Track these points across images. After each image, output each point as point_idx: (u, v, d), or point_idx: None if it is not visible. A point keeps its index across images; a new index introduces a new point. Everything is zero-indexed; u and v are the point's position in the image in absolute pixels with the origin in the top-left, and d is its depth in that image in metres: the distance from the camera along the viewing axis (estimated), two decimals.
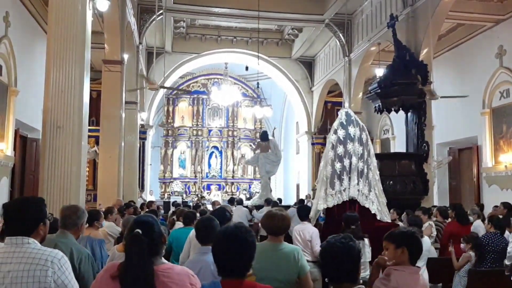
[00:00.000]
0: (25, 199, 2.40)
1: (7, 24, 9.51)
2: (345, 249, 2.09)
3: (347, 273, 2.08)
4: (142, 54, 15.02)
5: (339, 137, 5.43)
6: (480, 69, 12.10)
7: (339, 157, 5.34)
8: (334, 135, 5.49)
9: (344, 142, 5.40)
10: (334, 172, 5.32)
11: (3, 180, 9.86)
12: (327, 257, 2.11)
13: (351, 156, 5.34)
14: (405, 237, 2.61)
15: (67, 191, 5.76)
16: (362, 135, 5.50)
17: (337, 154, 5.35)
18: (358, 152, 5.38)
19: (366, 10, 13.96)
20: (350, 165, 5.32)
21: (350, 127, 5.46)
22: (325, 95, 18.38)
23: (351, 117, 5.57)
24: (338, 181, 5.28)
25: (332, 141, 5.48)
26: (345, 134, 5.43)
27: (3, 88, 9.51)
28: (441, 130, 12.80)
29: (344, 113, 5.66)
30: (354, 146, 5.38)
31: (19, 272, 2.09)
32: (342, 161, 5.31)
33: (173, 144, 22.06)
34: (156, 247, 2.00)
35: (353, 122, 5.51)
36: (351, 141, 5.41)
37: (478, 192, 12.35)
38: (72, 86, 6.01)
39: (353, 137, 5.42)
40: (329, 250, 2.10)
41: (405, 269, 2.56)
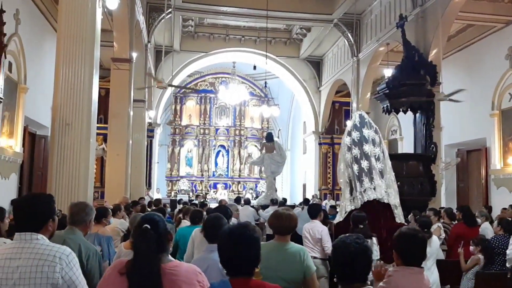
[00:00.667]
0: (34, 195, 2.42)
1: (17, 22, 9.58)
2: (361, 250, 2.09)
3: (360, 274, 2.08)
4: (150, 53, 15.08)
5: (353, 139, 5.53)
6: (489, 70, 12.01)
7: (356, 159, 5.43)
8: (349, 137, 5.60)
9: (359, 144, 5.49)
10: (353, 173, 5.41)
11: (12, 176, 9.94)
12: (342, 257, 2.10)
13: (369, 157, 5.41)
14: (395, 240, 2.63)
15: (75, 188, 5.79)
16: (375, 137, 5.59)
17: (353, 156, 5.46)
18: (376, 153, 5.47)
19: (375, 10, 13.90)
20: (370, 166, 5.38)
21: (364, 129, 5.55)
22: (333, 95, 18.33)
23: (365, 119, 5.65)
24: (359, 182, 5.36)
25: (347, 143, 5.59)
26: (360, 136, 5.52)
27: (12, 85, 9.58)
28: (450, 132, 12.73)
29: (358, 115, 5.77)
30: (370, 148, 5.46)
31: (27, 268, 2.11)
32: (359, 163, 5.40)
33: (180, 143, 22.12)
34: (162, 244, 2.01)
35: (366, 124, 5.60)
36: (366, 143, 5.48)
37: (486, 194, 12.26)
38: (81, 83, 6.04)
39: (368, 138, 5.50)
40: (344, 250, 2.09)
41: (406, 269, 2.56)
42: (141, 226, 1.98)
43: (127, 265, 1.95)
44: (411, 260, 2.57)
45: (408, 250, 2.57)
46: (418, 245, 2.59)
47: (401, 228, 2.73)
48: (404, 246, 2.58)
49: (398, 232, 2.66)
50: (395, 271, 2.57)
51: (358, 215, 4.73)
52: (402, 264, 2.57)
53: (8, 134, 9.54)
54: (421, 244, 2.61)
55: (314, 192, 18.20)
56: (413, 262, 2.57)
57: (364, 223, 4.60)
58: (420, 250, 2.60)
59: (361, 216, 4.69)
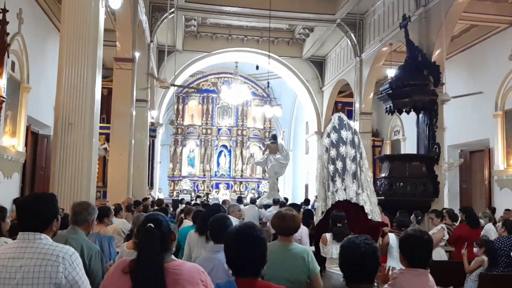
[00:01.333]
0: (38, 195, 2.41)
1: (20, 21, 9.58)
2: (371, 250, 2.09)
3: (368, 274, 2.08)
4: (153, 52, 15.08)
5: (332, 140, 5.68)
6: (493, 71, 11.97)
7: (332, 160, 5.60)
8: (328, 138, 5.76)
9: (336, 145, 5.64)
10: (328, 174, 5.60)
11: (15, 175, 9.95)
12: (351, 257, 2.10)
13: (344, 158, 5.58)
14: (401, 242, 2.63)
15: (78, 187, 5.79)
16: (354, 138, 5.72)
17: (330, 157, 5.62)
18: (351, 154, 5.60)
19: (378, 10, 13.87)
20: (344, 167, 5.55)
21: (343, 130, 5.70)
22: (336, 95, 18.29)
23: (344, 121, 5.81)
24: (332, 182, 5.54)
25: (326, 144, 5.75)
26: (338, 138, 5.67)
27: (15, 84, 9.59)
28: (453, 132, 12.69)
29: (336, 117, 5.90)
30: (346, 149, 5.61)
31: (30, 267, 2.10)
32: (335, 164, 5.57)
33: (182, 142, 22.13)
34: (166, 244, 2.01)
35: (345, 126, 5.75)
36: (343, 144, 5.64)
37: (489, 195, 12.22)
38: (84, 83, 6.04)
39: (346, 140, 5.65)
40: (354, 251, 2.09)
41: (411, 271, 2.55)
42: (145, 225, 1.98)
43: (131, 264, 1.95)
44: (416, 262, 2.55)
45: (413, 252, 2.56)
46: (423, 247, 2.57)
47: (407, 230, 2.71)
48: (409, 247, 2.57)
49: (403, 234, 2.65)
50: (400, 273, 2.56)
51: (337, 214, 4.85)
52: (408, 265, 2.55)
53: (10, 133, 9.55)
54: (427, 246, 2.59)
55: (316, 193, 18.13)
56: (419, 263, 2.55)
57: (343, 222, 4.74)
58: (426, 251, 2.58)
59: (339, 215, 4.80)
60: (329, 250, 4.61)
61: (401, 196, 8.96)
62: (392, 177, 9.22)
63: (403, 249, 2.60)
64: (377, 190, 9.70)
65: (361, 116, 14.92)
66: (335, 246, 4.46)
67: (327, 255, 4.67)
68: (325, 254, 4.70)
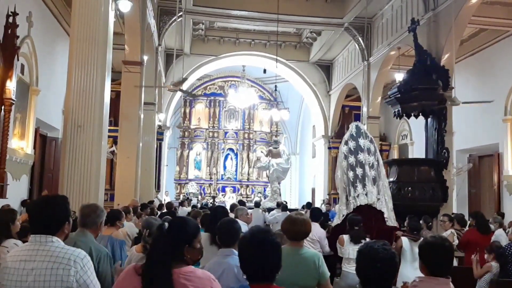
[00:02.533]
0: (50, 197, 2.41)
1: (29, 24, 9.65)
2: (389, 256, 2.10)
3: (385, 280, 2.06)
4: (161, 56, 15.13)
5: (350, 148, 6.04)
6: (502, 75, 11.88)
7: (351, 166, 5.91)
8: (345, 146, 6.12)
9: (354, 152, 5.98)
10: (348, 180, 5.90)
11: (23, 177, 9.99)
12: (369, 262, 2.09)
13: (364, 165, 5.88)
14: (422, 250, 2.58)
15: (86, 190, 5.80)
16: (371, 146, 6.08)
17: (349, 163, 5.95)
18: (370, 161, 5.93)
19: (386, 14, 13.83)
20: (364, 173, 5.85)
21: (360, 139, 6.07)
22: (343, 99, 18.25)
23: (361, 130, 6.21)
24: (352, 188, 5.83)
25: (344, 151, 6.11)
26: (356, 145, 6.03)
27: (24, 87, 9.65)
28: (461, 137, 12.59)
29: (354, 126, 6.30)
30: (365, 156, 5.94)
31: (42, 270, 2.10)
32: (354, 170, 5.88)
33: (189, 146, 22.16)
34: (179, 248, 1.99)
35: (362, 135, 6.12)
36: (361, 152, 5.97)
37: (499, 201, 12.10)
38: (93, 86, 6.06)
39: (363, 148, 6.00)
40: (373, 256, 2.08)
41: (432, 280, 2.49)
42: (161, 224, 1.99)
43: (142, 266, 1.95)
44: (437, 270, 2.49)
45: (433, 260, 2.50)
46: (443, 255, 2.52)
47: (427, 237, 2.67)
48: (429, 255, 2.51)
49: (423, 242, 2.60)
50: (420, 281, 2.50)
51: (354, 218, 5.13)
52: (429, 274, 2.50)
53: (19, 135, 9.60)
54: (447, 254, 2.54)
55: (324, 197, 18.10)
56: (439, 272, 2.50)
57: (359, 225, 5.03)
58: (446, 259, 2.53)
59: (356, 219, 5.08)
60: (346, 250, 4.85)
61: (409, 200, 8.91)
62: (400, 181, 9.16)
63: (424, 257, 2.54)
64: None
65: (368, 120, 14.86)
66: (352, 247, 4.78)
67: (344, 255, 4.93)
68: (342, 254, 4.97)
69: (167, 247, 1.93)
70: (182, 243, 2.00)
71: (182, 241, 2.00)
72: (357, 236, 4.85)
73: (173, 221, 2.05)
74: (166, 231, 1.96)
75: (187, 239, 2.02)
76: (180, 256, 1.98)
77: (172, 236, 1.97)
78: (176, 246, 1.97)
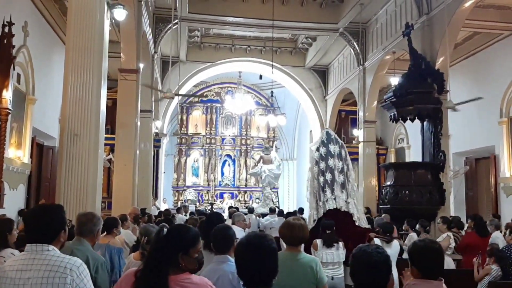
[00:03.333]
0: (46, 206, 2.42)
1: (25, 34, 9.67)
2: (383, 259, 2.10)
3: (380, 283, 2.07)
4: (157, 63, 15.15)
5: (321, 154, 6.24)
6: (497, 78, 11.96)
7: (322, 172, 6.13)
8: (317, 152, 6.32)
9: (325, 158, 6.19)
10: (319, 185, 6.10)
11: (20, 187, 9.97)
12: (363, 266, 2.09)
13: (333, 170, 6.10)
14: (414, 255, 2.58)
15: (83, 198, 5.79)
16: (341, 151, 6.27)
17: (320, 169, 6.16)
18: (339, 166, 6.15)
19: (381, 18, 13.91)
20: (333, 178, 6.06)
21: (330, 144, 6.26)
22: (339, 104, 18.29)
23: (331, 136, 6.40)
24: (322, 193, 6.05)
25: (315, 157, 6.29)
26: (326, 151, 6.23)
27: (21, 96, 9.65)
28: (458, 140, 12.64)
29: (325, 132, 6.53)
30: (334, 162, 6.16)
31: (38, 279, 2.10)
32: (324, 175, 6.10)
33: (186, 152, 22.13)
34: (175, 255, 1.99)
35: (333, 140, 6.31)
36: (331, 157, 6.18)
37: (496, 203, 12.13)
38: (89, 94, 6.07)
39: (333, 153, 6.20)
40: (367, 259, 2.09)
41: (424, 283, 2.50)
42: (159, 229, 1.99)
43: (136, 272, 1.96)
44: (429, 273, 2.51)
45: (424, 264, 2.51)
46: (434, 258, 2.53)
47: (416, 241, 2.68)
48: (420, 259, 2.52)
49: (412, 246, 2.61)
50: (414, 284, 2.51)
51: (326, 222, 5.29)
52: (421, 277, 2.51)
53: (16, 145, 9.59)
54: (438, 256, 2.56)
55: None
56: (431, 275, 2.51)
57: (331, 229, 5.16)
58: (437, 262, 2.55)
59: (328, 223, 5.24)
60: (320, 254, 4.91)
61: (407, 204, 8.94)
62: (397, 185, 9.20)
63: (415, 262, 2.54)
64: (383, 199, 9.69)
65: (365, 125, 14.91)
66: (325, 251, 4.97)
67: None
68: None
69: (164, 253, 1.94)
70: (178, 250, 2.00)
71: (178, 248, 2.00)
72: (329, 240, 5.02)
73: (172, 228, 2.06)
74: (163, 237, 1.97)
75: (182, 247, 2.02)
76: (176, 263, 1.99)
77: (169, 242, 1.97)
78: (172, 252, 1.97)
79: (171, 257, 1.97)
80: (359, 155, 15.31)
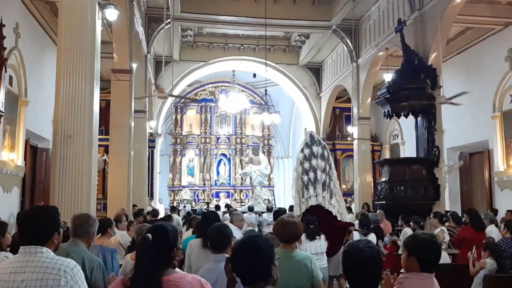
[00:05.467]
0: (39, 208, 2.41)
1: (17, 36, 9.61)
2: (375, 253, 2.12)
3: (373, 278, 2.07)
4: (150, 63, 15.10)
5: (305, 155, 6.65)
6: (489, 73, 12.01)
7: (306, 171, 6.54)
8: (301, 153, 6.72)
9: (309, 159, 6.59)
10: (303, 183, 6.52)
11: (14, 189, 9.92)
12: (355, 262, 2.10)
13: (316, 170, 6.52)
14: (415, 246, 2.58)
15: (78, 200, 5.77)
16: (324, 152, 6.70)
17: (304, 168, 6.57)
18: (321, 166, 6.57)
19: (373, 15, 13.94)
20: (315, 177, 6.49)
21: (314, 146, 6.68)
22: (333, 101, 18.32)
23: (314, 138, 6.82)
24: (306, 190, 6.47)
25: (300, 158, 6.70)
26: (310, 152, 6.64)
27: (13, 98, 9.59)
28: (452, 135, 12.70)
29: (308, 135, 6.94)
30: (317, 162, 6.57)
31: (32, 281, 2.09)
32: (308, 174, 6.51)
33: (181, 152, 22.10)
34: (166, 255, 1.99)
35: (316, 142, 6.74)
36: (315, 158, 6.59)
37: (490, 197, 12.21)
38: (82, 95, 6.04)
39: (316, 154, 6.61)
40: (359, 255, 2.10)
41: (417, 275, 2.52)
42: (144, 235, 1.97)
43: (131, 277, 1.94)
44: (428, 266, 2.53)
45: (427, 256, 2.53)
46: (436, 251, 2.58)
47: (418, 234, 2.69)
48: (423, 252, 2.53)
49: (413, 238, 2.62)
50: (406, 277, 2.53)
51: (309, 218, 5.69)
52: (419, 270, 2.52)
53: (9, 147, 9.54)
54: (438, 250, 2.61)
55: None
56: (430, 268, 2.54)
57: (314, 223, 5.55)
58: (437, 255, 2.60)
59: (311, 219, 5.64)
60: (304, 247, 5.15)
61: (402, 200, 8.97)
62: (392, 181, 9.22)
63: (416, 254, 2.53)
64: (378, 195, 9.72)
65: (359, 121, 14.95)
66: (308, 244, 5.36)
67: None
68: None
69: (154, 257, 1.93)
70: (171, 249, 2.01)
71: (169, 246, 2.01)
72: (312, 233, 5.43)
73: (155, 230, 2.04)
74: (151, 242, 1.95)
75: (173, 244, 2.03)
76: (168, 262, 1.99)
77: (158, 245, 1.96)
78: (164, 253, 1.97)
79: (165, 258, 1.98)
80: (354, 151, 15.35)
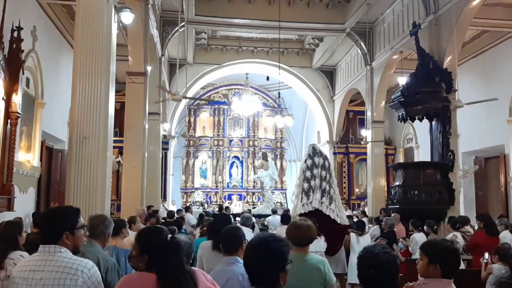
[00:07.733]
0: (54, 208, 2.45)
1: (34, 38, 9.76)
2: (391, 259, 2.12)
3: (389, 283, 2.06)
4: (164, 66, 15.21)
5: (307, 165, 7.56)
6: (505, 76, 11.86)
7: (307, 179, 7.44)
8: (304, 163, 7.65)
9: (311, 168, 7.50)
10: (303, 190, 7.38)
11: (30, 190, 10.06)
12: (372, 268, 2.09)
13: (316, 178, 7.41)
14: (439, 253, 2.51)
15: (93, 201, 5.83)
16: (325, 162, 7.62)
17: (306, 177, 7.46)
18: (322, 175, 7.47)
19: (387, 18, 13.87)
20: (316, 185, 7.35)
21: (316, 157, 7.60)
22: (347, 104, 18.26)
23: (316, 150, 7.75)
24: (305, 196, 7.32)
25: (303, 168, 7.66)
26: (312, 163, 7.55)
27: (30, 100, 9.74)
28: (467, 139, 12.56)
29: (311, 147, 7.84)
30: (318, 171, 7.47)
31: (50, 280, 2.13)
32: (309, 182, 7.40)
33: (194, 154, 22.20)
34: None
35: (317, 154, 7.66)
36: (316, 168, 7.50)
37: (506, 202, 12.04)
38: (98, 98, 6.11)
39: (318, 164, 7.53)
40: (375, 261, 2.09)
41: (435, 281, 2.49)
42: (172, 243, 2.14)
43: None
44: (449, 273, 2.50)
45: (451, 263, 2.51)
46: (456, 258, 2.57)
47: (441, 240, 2.64)
48: (448, 259, 2.50)
49: (437, 244, 2.57)
50: (424, 284, 2.50)
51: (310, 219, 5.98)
52: (439, 276, 2.48)
53: (26, 148, 9.68)
54: (459, 257, 2.62)
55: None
56: (451, 274, 2.52)
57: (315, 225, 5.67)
58: (458, 262, 2.60)
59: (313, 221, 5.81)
60: None
61: (416, 204, 8.88)
62: (406, 185, 9.14)
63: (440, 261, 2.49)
64: (392, 199, 9.64)
65: (373, 125, 14.86)
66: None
67: None
68: None
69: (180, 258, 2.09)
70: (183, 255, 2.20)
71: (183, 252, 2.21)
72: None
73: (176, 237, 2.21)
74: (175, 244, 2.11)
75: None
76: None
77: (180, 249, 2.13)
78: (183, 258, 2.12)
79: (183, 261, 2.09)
80: (368, 155, 15.26)
